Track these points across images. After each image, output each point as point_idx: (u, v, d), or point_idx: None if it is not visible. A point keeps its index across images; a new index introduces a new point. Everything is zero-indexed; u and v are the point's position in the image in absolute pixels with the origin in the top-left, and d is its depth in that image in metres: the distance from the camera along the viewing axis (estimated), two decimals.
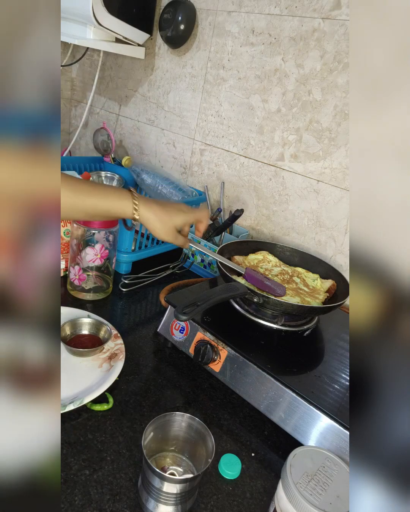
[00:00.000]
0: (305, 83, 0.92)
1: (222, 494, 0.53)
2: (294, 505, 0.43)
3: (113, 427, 0.60)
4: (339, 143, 0.90)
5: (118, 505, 0.50)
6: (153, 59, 1.23)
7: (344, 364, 0.70)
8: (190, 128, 1.19)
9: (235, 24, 1.01)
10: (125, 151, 1.43)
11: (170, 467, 0.53)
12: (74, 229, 0.85)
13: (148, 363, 0.73)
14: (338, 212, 0.94)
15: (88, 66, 1.46)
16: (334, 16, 0.85)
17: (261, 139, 1.04)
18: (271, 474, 0.58)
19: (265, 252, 0.91)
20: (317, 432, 0.58)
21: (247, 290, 0.69)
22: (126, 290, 0.94)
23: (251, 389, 0.65)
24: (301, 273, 0.88)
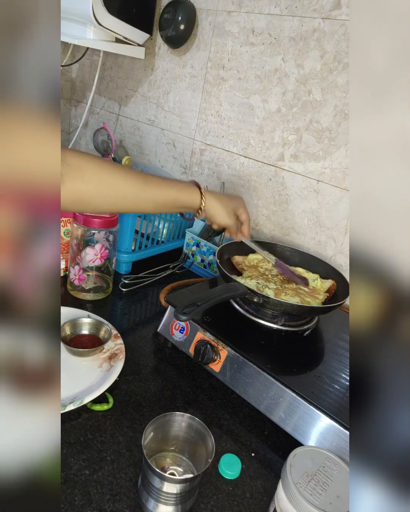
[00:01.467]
0: (305, 83, 0.92)
1: (222, 494, 0.53)
2: (294, 505, 0.43)
3: (113, 427, 0.60)
4: (339, 143, 0.90)
5: (118, 505, 0.50)
6: (153, 59, 1.23)
7: (344, 364, 0.70)
8: (190, 128, 1.19)
9: (235, 24, 1.01)
10: (125, 151, 1.43)
11: (170, 467, 0.53)
12: (74, 229, 0.85)
13: (148, 363, 0.73)
14: (338, 212, 0.94)
15: (88, 66, 1.46)
16: (334, 16, 0.85)
17: (261, 139, 1.04)
18: (271, 474, 0.58)
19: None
20: (317, 432, 0.58)
21: (247, 290, 0.69)
22: (126, 290, 0.94)
23: (251, 389, 0.65)
24: (301, 274, 0.88)
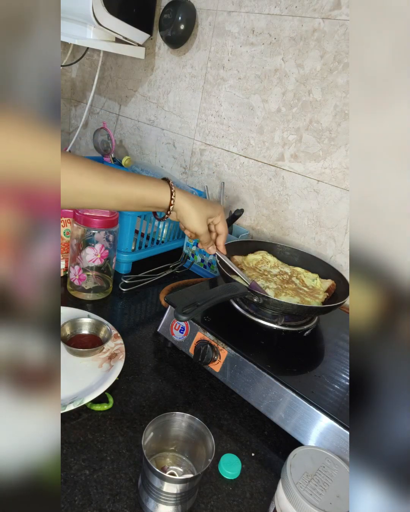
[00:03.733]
0: (305, 83, 0.92)
1: (222, 494, 0.53)
2: (294, 505, 0.43)
3: (113, 427, 0.60)
4: (339, 143, 0.90)
5: (118, 505, 0.50)
6: (153, 59, 1.23)
7: (344, 364, 0.70)
8: (190, 128, 1.19)
9: (235, 24, 1.01)
10: (125, 151, 1.43)
11: (170, 467, 0.53)
12: (74, 229, 0.85)
13: (148, 363, 0.73)
14: (338, 212, 0.94)
15: (88, 66, 1.46)
16: (334, 16, 0.85)
17: (261, 139, 1.04)
18: (271, 474, 0.58)
19: (264, 252, 0.91)
20: (317, 432, 0.58)
21: (247, 290, 0.69)
22: (126, 290, 0.94)
23: (251, 389, 0.65)
24: (300, 273, 0.88)
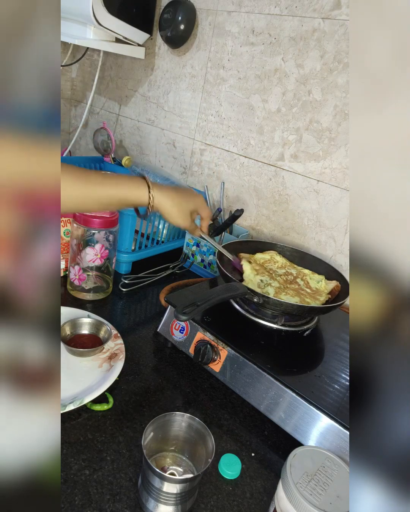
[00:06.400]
0: (305, 83, 0.92)
1: (222, 494, 0.53)
2: (294, 505, 0.43)
3: (113, 427, 0.60)
4: (339, 143, 0.90)
5: (118, 505, 0.50)
6: (153, 59, 1.23)
7: (344, 364, 0.70)
8: (190, 128, 1.19)
9: (235, 24, 1.01)
10: (125, 151, 1.43)
11: (170, 467, 0.53)
12: (74, 229, 0.85)
13: (148, 363, 0.73)
14: (338, 212, 0.94)
15: (88, 66, 1.46)
16: (334, 16, 0.85)
17: (261, 139, 1.04)
18: (271, 474, 0.58)
19: (274, 252, 0.91)
20: (317, 432, 0.58)
21: (247, 290, 0.69)
22: (126, 290, 0.94)
23: (251, 389, 0.65)
24: (307, 275, 0.87)
